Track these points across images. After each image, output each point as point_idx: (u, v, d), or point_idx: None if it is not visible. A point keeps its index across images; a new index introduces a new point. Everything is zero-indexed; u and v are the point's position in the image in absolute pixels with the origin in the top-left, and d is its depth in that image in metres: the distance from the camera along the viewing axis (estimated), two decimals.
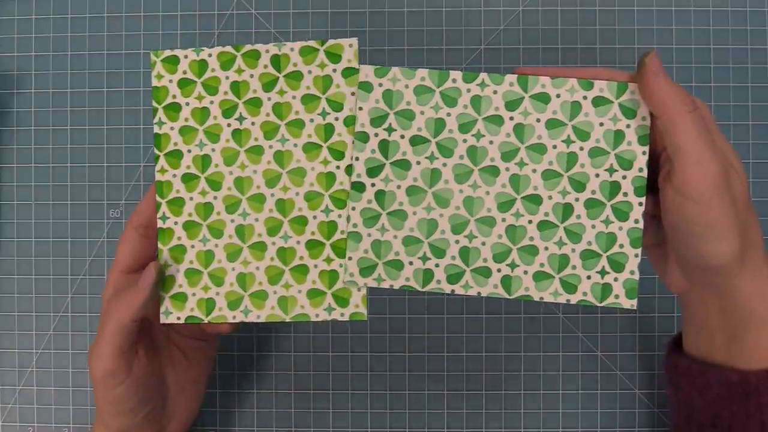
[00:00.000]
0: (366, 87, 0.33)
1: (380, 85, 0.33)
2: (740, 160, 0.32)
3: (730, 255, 0.31)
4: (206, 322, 0.35)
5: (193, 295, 0.35)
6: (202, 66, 0.35)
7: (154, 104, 0.36)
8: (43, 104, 0.48)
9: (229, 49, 0.35)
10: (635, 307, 0.33)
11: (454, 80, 0.33)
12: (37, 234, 0.48)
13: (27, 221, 0.48)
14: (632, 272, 0.33)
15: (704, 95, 0.46)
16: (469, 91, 0.33)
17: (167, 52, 0.36)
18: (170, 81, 0.36)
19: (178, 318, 0.35)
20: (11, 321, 0.48)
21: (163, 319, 0.35)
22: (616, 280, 0.33)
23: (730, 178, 0.30)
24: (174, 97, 0.36)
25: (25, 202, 0.48)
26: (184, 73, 0.35)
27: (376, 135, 0.33)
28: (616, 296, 0.33)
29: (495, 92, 0.33)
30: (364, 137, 0.33)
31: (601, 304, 0.33)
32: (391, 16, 0.47)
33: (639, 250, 0.33)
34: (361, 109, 0.33)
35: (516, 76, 0.33)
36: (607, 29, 0.47)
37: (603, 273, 0.33)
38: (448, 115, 0.33)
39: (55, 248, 0.48)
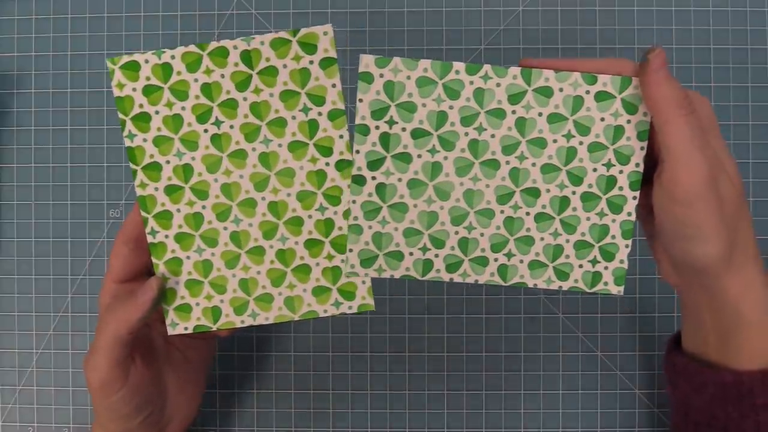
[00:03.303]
0: (367, 78, 0.32)
1: (381, 75, 0.32)
2: (734, 162, 0.32)
3: (715, 256, 0.31)
4: (215, 329, 0.35)
5: (197, 304, 0.35)
6: (166, 70, 0.33)
7: (121, 116, 0.33)
8: (43, 104, 0.48)
9: (193, 48, 0.33)
10: (622, 293, 0.34)
11: (457, 72, 0.32)
12: (37, 234, 0.48)
13: (27, 221, 0.48)
14: (621, 261, 0.34)
15: (704, 95, 0.46)
16: (472, 83, 0.32)
17: (126, 58, 0.33)
18: (134, 89, 0.33)
19: (186, 328, 0.35)
20: (11, 321, 0.48)
21: (170, 331, 0.35)
22: (606, 268, 0.34)
23: (719, 180, 0.30)
24: (141, 106, 0.33)
25: (25, 202, 0.48)
26: (148, 79, 0.33)
27: (377, 128, 0.33)
28: (605, 283, 0.34)
29: (498, 85, 0.32)
30: (364, 130, 0.33)
31: (591, 291, 0.34)
32: (391, 16, 0.47)
33: (629, 241, 0.34)
34: (361, 101, 0.32)
35: (520, 69, 0.32)
36: (607, 29, 0.47)
37: (594, 262, 0.34)
38: (451, 108, 0.33)
39: (55, 248, 0.48)
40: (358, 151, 0.33)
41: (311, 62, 0.33)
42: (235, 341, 0.47)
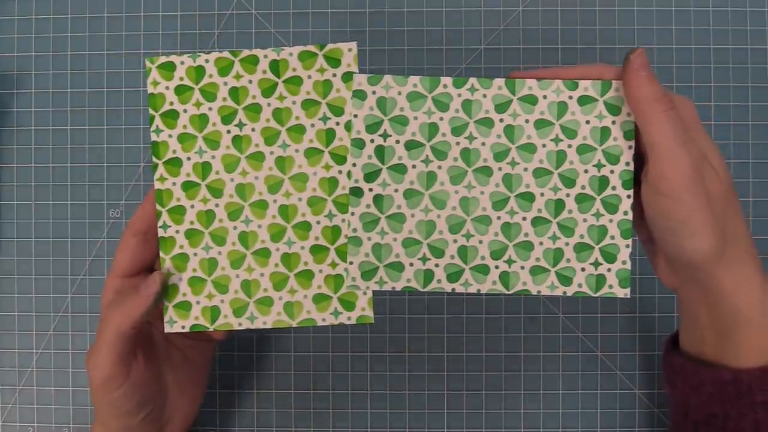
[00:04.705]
0: (360, 95, 0.34)
1: (374, 92, 0.34)
2: (722, 157, 0.33)
3: (705, 250, 0.31)
4: (211, 329, 0.35)
5: (197, 303, 0.35)
6: (199, 72, 0.35)
7: (151, 111, 0.35)
8: (43, 104, 0.48)
9: (226, 54, 0.35)
10: (628, 296, 0.34)
11: (445, 86, 0.34)
12: (37, 234, 0.48)
13: (27, 221, 0.48)
14: (624, 262, 0.34)
15: (704, 95, 0.47)
16: (459, 95, 0.34)
17: (163, 59, 0.35)
18: (167, 88, 0.35)
19: (183, 327, 0.35)
20: (11, 321, 0.48)
21: (167, 329, 0.35)
22: (609, 270, 0.34)
23: (704, 174, 0.31)
24: (171, 104, 0.35)
25: (25, 202, 0.48)
26: (181, 79, 0.35)
27: (372, 141, 0.34)
28: (610, 286, 0.34)
29: (485, 96, 0.34)
30: (360, 144, 0.34)
31: (596, 295, 0.34)
32: (391, 16, 0.47)
33: (629, 241, 0.34)
34: (356, 116, 0.34)
35: (504, 79, 0.34)
36: (607, 29, 0.47)
37: (596, 264, 0.34)
38: (441, 119, 0.34)
39: (55, 248, 0.48)
40: (354, 164, 0.34)
41: (334, 75, 0.34)
42: (235, 341, 0.47)
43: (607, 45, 0.47)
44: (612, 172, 0.33)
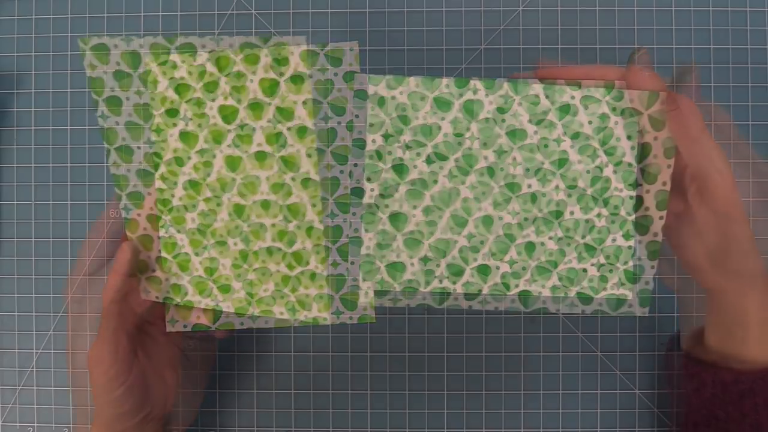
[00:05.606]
0: (361, 95, 0.34)
1: (375, 93, 0.34)
2: (726, 159, 0.32)
3: (708, 251, 0.31)
4: (213, 329, 0.35)
5: (199, 302, 0.35)
6: (201, 71, 0.34)
7: (153, 112, 0.35)
8: (43, 104, 0.48)
9: (228, 53, 0.34)
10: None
11: (446, 86, 0.34)
12: (37, 234, 0.48)
13: (27, 221, 0.48)
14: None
15: (704, 95, 0.46)
16: (461, 95, 0.34)
17: (162, 58, 0.34)
18: (166, 87, 0.34)
19: (185, 326, 0.35)
20: (11, 321, 0.48)
21: (169, 328, 0.35)
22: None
23: (707, 175, 0.31)
24: (172, 102, 0.35)
25: (25, 202, 0.48)
26: (182, 79, 0.35)
27: (374, 142, 0.34)
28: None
29: (487, 96, 0.34)
30: (361, 144, 0.34)
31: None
32: (391, 16, 0.47)
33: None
34: (357, 117, 0.34)
35: (506, 80, 0.33)
36: (607, 29, 0.47)
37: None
38: (442, 119, 0.34)
39: (55, 248, 0.48)
40: (356, 165, 0.34)
41: (335, 74, 0.34)
42: (235, 341, 0.47)
43: (607, 45, 0.47)
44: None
